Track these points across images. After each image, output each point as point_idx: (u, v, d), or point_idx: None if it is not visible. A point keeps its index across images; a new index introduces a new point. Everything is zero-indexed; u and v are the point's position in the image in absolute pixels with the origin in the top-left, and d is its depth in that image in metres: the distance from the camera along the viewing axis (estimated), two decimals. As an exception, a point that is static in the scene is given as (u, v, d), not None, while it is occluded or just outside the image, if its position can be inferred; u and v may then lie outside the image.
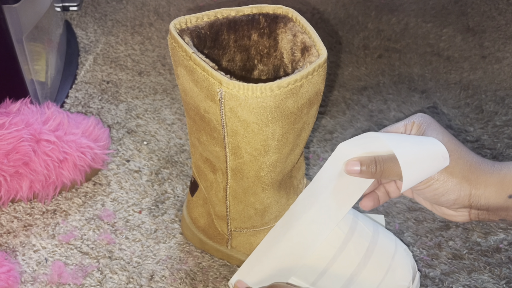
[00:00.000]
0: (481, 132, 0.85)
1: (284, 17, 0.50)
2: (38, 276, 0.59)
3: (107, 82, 0.91)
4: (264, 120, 0.44)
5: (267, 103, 0.42)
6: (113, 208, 0.68)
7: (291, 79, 0.42)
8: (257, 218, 0.55)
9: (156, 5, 1.15)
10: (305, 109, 0.46)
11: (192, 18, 0.48)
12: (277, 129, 0.45)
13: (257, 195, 0.52)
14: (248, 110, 0.43)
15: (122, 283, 0.59)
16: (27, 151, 0.63)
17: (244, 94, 0.42)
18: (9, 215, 0.66)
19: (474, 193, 0.48)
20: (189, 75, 0.45)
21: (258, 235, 0.57)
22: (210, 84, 0.43)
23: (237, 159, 0.48)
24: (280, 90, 0.42)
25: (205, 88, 0.44)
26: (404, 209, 0.70)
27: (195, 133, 0.51)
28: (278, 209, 0.55)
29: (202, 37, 0.48)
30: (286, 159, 0.49)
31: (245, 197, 0.53)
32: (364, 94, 0.92)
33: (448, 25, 1.14)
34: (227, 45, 0.51)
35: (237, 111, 0.43)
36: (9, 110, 0.68)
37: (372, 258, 0.55)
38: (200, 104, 0.46)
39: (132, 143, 0.78)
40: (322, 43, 0.46)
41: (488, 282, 0.62)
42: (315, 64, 0.44)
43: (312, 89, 0.45)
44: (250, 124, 0.44)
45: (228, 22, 0.49)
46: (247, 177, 0.50)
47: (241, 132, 0.45)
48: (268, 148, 0.46)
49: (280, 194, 0.54)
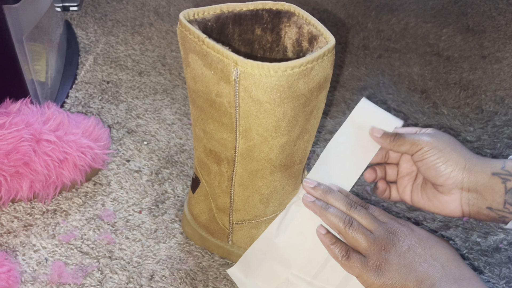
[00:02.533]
0: (481, 132, 0.85)
1: (287, 12, 0.52)
2: (38, 276, 0.59)
3: (107, 82, 0.91)
4: (277, 100, 0.45)
5: (280, 82, 0.44)
6: (113, 208, 0.68)
7: (303, 60, 0.44)
8: (261, 206, 0.56)
9: (156, 5, 1.15)
10: (315, 92, 0.48)
11: (199, 10, 0.50)
12: (289, 110, 0.47)
13: (265, 178, 0.53)
14: (262, 90, 0.45)
15: (122, 283, 0.59)
16: (27, 151, 0.63)
17: (259, 73, 0.44)
18: (9, 215, 0.66)
19: (467, 167, 0.55)
20: (202, 60, 0.47)
21: (259, 227, 0.58)
22: (225, 65, 0.45)
23: (247, 142, 0.50)
24: (293, 70, 0.44)
25: (219, 70, 0.45)
26: (404, 209, 0.70)
27: (200, 123, 0.52)
28: (282, 196, 0.56)
29: (209, 29, 0.50)
30: (295, 142, 0.51)
31: (252, 182, 0.54)
32: (364, 94, 0.92)
33: (448, 25, 1.14)
34: (232, 38, 0.53)
35: (251, 90, 0.45)
36: (9, 110, 0.68)
37: None
38: (212, 88, 0.47)
39: (132, 143, 0.78)
40: (328, 32, 0.48)
41: (488, 282, 0.62)
42: (325, 49, 0.46)
43: (322, 72, 0.47)
44: (263, 104, 0.46)
45: (233, 16, 0.51)
46: (257, 159, 0.51)
47: (254, 113, 0.47)
48: (278, 129, 0.48)
49: (288, 182, 0.55)
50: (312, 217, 0.56)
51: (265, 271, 0.57)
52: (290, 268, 0.56)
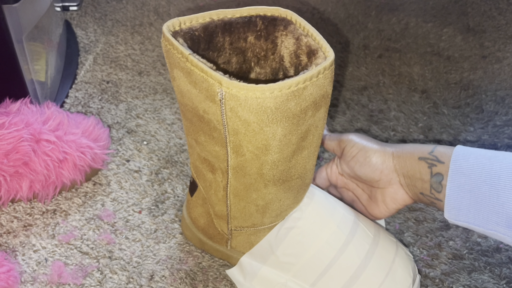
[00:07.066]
0: (481, 132, 0.85)
1: (283, 19, 0.49)
2: (38, 276, 0.59)
3: (107, 82, 0.91)
4: (265, 121, 0.43)
5: (267, 104, 0.42)
6: (113, 208, 0.68)
7: (293, 81, 0.41)
8: (258, 215, 0.55)
9: (156, 5, 1.15)
10: (310, 112, 0.45)
11: (186, 19, 0.47)
12: (278, 129, 0.45)
13: (259, 191, 0.52)
14: (248, 110, 0.43)
15: (122, 283, 0.59)
16: (27, 151, 0.63)
17: (244, 94, 0.42)
18: (9, 215, 0.66)
19: (395, 154, 0.56)
20: (186, 77, 0.45)
21: (258, 234, 0.57)
22: (210, 85, 0.43)
23: (238, 157, 0.48)
24: (282, 91, 0.41)
25: (204, 89, 0.43)
26: (404, 209, 0.70)
27: (192, 134, 0.51)
28: (279, 208, 0.55)
29: (196, 39, 0.48)
30: (290, 159, 0.49)
31: (246, 194, 0.53)
32: (364, 94, 0.92)
33: (448, 25, 1.14)
34: (222, 47, 0.50)
35: (237, 110, 0.43)
36: (9, 110, 0.68)
37: (372, 261, 0.55)
38: (199, 105, 0.45)
39: (132, 143, 0.78)
40: (328, 44, 0.46)
41: (488, 282, 0.62)
42: (320, 67, 0.43)
43: (317, 91, 0.44)
44: (251, 124, 0.44)
45: (223, 24, 0.48)
46: (249, 174, 0.50)
47: (242, 131, 0.45)
48: (269, 147, 0.46)
49: (286, 195, 0.53)
50: (312, 227, 0.55)
51: (262, 276, 0.57)
52: (287, 274, 0.56)
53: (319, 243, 0.55)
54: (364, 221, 0.58)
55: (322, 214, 0.56)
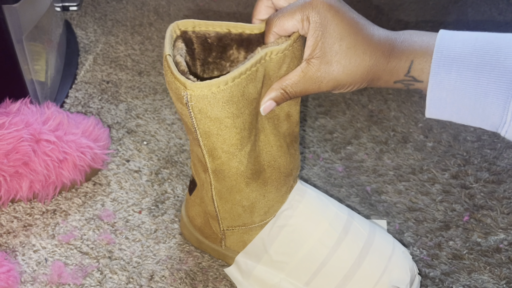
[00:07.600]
0: (481, 132, 0.85)
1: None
2: (38, 276, 0.59)
3: (107, 82, 0.91)
4: (235, 112, 0.44)
5: (234, 92, 0.43)
6: (113, 208, 0.68)
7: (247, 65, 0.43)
8: (247, 215, 0.55)
9: (156, 5, 1.15)
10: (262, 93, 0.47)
11: (202, 24, 0.47)
12: (247, 117, 0.46)
13: (242, 192, 0.52)
14: (218, 106, 0.43)
15: (122, 283, 0.59)
16: (27, 151, 0.63)
17: (210, 91, 0.42)
18: (9, 215, 0.66)
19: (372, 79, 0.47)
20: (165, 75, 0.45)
21: (250, 233, 0.57)
22: (177, 87, 0.43)
23: (215, 160, 0.49)
24: (241, 77, 0.43)
25: (174, 91, 0.44)
26: (404, 209, 0.70)
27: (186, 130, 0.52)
28: (266, 204, 0.55)
29: (208, 46, 0.48)
30: (255, 145, 0.50)
31: (230, 196, 0.53)
32: (364, 94, 0.92)
33: (448, 25, 1.14)
34: (236, 59, 0.51)
35: (207, 111, 0.44)
36: (9, 110, 0.68)
37: (367, 259, 0.55)
38: (176, 105, 0.46)
39: (132, 143, 0.78)
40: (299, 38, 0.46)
41: (488, 282, 0.62)
42: (267, 50, 0.44)
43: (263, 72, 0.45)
44: (223, 120, 0.45)
45: (240, 40, 0.49)
46: (229, 176, 0.50)
47: (215, 132, 0.46)
48: (243, 140, 0.47)
49: (268, 189, 0.54)
50: (304, 224, 0.55)
51: (257, 275, 0.57)
52: (281, 273, 0.56)
53: (311, 241, 0.55)
54: (358, 219, 0.58)
55: (314, 212, 0.56)
